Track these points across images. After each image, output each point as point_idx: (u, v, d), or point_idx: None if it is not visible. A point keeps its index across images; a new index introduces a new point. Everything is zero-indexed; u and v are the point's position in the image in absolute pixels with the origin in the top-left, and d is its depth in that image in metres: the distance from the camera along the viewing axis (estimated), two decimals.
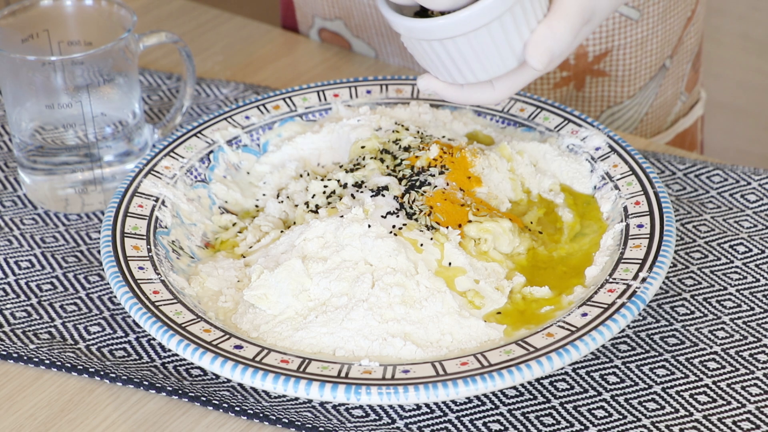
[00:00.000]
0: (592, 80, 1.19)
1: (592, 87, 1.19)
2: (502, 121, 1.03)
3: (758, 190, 1.01)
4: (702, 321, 0.89)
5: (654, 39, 1.18)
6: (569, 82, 1.18)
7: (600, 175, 0.96)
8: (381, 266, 0.84)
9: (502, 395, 0.84)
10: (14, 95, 0.99)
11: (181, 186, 0.96)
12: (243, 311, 0.85)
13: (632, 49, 1.18)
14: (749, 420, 0.82)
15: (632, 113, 1.21)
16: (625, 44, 1.17)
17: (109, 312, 0.92)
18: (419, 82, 0.86)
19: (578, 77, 1.18)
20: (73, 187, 1.01)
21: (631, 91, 1.20)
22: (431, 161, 0.93)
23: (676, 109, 1.27)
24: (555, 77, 1.18)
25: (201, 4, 1.33)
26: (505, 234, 0.90)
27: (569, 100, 1.20)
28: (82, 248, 0.98)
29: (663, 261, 0.85)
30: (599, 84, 1.19)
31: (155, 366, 0.87)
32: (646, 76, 1.20)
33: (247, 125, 1.02)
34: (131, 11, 1.01)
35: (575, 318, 0.81)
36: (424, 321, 0.82)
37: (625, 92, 1.20)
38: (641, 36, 1.17)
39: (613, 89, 1.19)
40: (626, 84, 1.19)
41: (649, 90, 1.21)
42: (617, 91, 1.19)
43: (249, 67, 1.22)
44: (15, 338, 0.90)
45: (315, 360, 0.79)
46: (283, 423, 0.82)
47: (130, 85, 1.01)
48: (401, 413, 0.83)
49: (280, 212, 0.95)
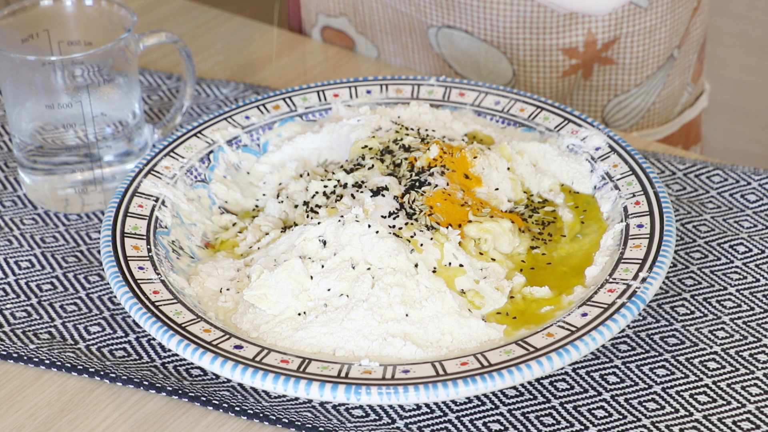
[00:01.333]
0: (600, 68, 1.19)
1: (599, 75, 1.19)
2: (502, 121, 1.03)
3: (758, 190, 1.01)
4: (702, 321, 0.89)
5: (662, 28, 1.19)
6: (578, 69, 1.18)
7: (600, 175, 0.96)
8: (381, 266, 0.84)
9: (502, 395, 0.84)
10: (14, 95, 0.99)
11: (181, 186, 0.96)
12: (243, 311, 0.85)
13: (640, 37, 1.18)
14: (749, 420, 0.82)
15: (639, 102, 1.22)
16: (633, 32, 1.17)
17: (109, 312, 0.92)
18: None
19: (587, 65, 1.18)
20: (73, 187, 1.01)
21: (638, 79, 1.20)
22: (431, 161, 0.93)
23: (683, 100, 1.27)
24: (564, 65, 1.18)
25: (201, 4, 1.33)
26: (505, 234, 0.90)
27: (577, 89, 1.20)
28: (82, 248, 0.98)
29: (663, 261, 0.85)
30: (607, 72, 1.19)
31: (155, 366, 0.87)
32: (654, 65, 1.20)
33: (247, 125, 1.02)
34: (131, 11, 1.01)
35: (575, 318, 0.81)
36: (424, 321, 0.82)
37: (632, 80, 1.20)
38: (650, 24, 1.18)
39: (620, 77, 1.20)
40: (633, 72, 1.20)
41: (657, 79, 1.21)
42: (624, 80, 1.20)
43: (249, 67, 1.22)
44: (15, 338, 0.90)
45: (315, 360, 0.79)
46: (283, 423, 0.82)
47: (130, 85, 1.01)
48: (401, 413, 0.83)
49: (280, 212, 0.95)
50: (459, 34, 1.18)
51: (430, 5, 1.17)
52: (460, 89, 1.05)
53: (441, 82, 1.06)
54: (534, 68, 1.19)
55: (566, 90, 1.20)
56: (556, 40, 1.17)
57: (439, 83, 1.06)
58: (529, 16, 1.15)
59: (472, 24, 1.17)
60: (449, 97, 1.04)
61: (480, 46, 1.19)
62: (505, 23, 1.16)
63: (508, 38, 1.17)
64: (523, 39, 1.17)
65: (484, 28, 1.17)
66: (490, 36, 1.17)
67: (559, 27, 1.16)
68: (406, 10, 1.20)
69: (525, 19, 1.15)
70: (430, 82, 1.06)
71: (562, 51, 1.17)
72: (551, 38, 1.17)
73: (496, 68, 1.20)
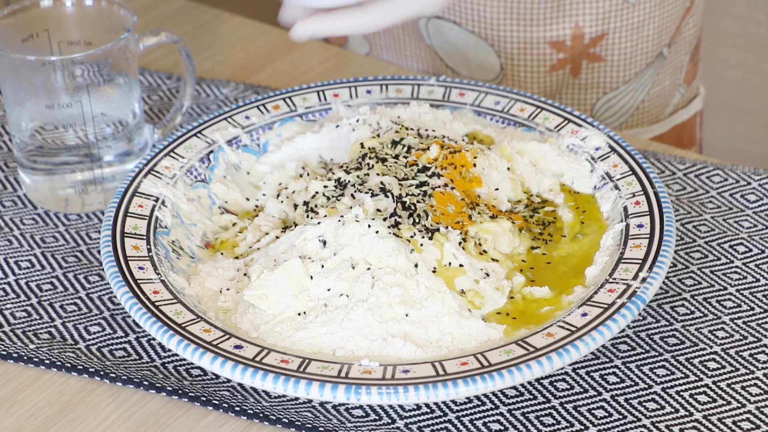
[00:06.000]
0: (589, 66, 1.19)
1: (588, 73, 1.20)
2: (502, 121, 1.03)
3: (758, 190, 1.01)
4: (702, 321, 0.89)
5: (650, 25, 1.19)
6: (565, 64, 1.19)
7: (600, 175, 0.96)
8: (381, 266, 0.84)
9: (502, 395, 0.84)
10: (14, 95, 0.99)
11: (181, 186, 0.96)
12: (243, 311, 0.85)
13: (628, 33, 1.18)
14: (749, 420, 0.82)
15: (628, 99, 1.22)
16: (621, 27, 1.18)
17: (109, 312, 0.92)
18: (293, 34, 0.86)
19: (575, 60, 1.19)
20: (73, 187, 1.01)
21: (627, 76, 1.20)
22: (431, 161, 0.93)
23: (675, 101, 1.27)
24: (552, 59, 1.18)
25: (201, 4, 1.33)
26: (505, 234, 0.90)
27: (566, 87, 1.20)
28: (82, 248, 0.98)
29: (663, 261, 0.85)
30: (595, 70, 1.20)
31: (155, 366, 0.87)
32: (643, 62, 1.21)
33: (247, 125, 1.02)
34: (131, 11, 1.01)
35: (575, 318, 0.81)
36: (424, 321, 0.82)
37: (621, 77, 1.20)
38: (637, 20, 1.18)
39: (609, 74, 1.20)
40: (622, 69, 1.20)
41: (646, 77, 1.21)
42: (613, 77, 1.20)
43: (249, 67, 1.22)
44: (15, 338, 0.90)
45: (315, 360, 0.79)
46: (283, 423, 0.82)
47: (130, 85, 1.01)
48: (401, 413, 0.83)
49: (280, 212, 0.95)
50: (448, 25, 1.18)
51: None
52: (460, 89, 1.05)
53: (441, 82, 1.06)
54: (521, 62, 1.19)
55: (555, 87, 1.21)
56: (543, 33, 1.17)
57: (439, 83, 1.06)
58: (516, 8, 1.16)
59: (460, 15, 1.17)
60: (449, 97, 1.05)
61: (468, 37, 1.19)
62: (492, 14, 1.16)
63: (496, 30, 1.17)
64: (510, 31, 1.17)
65: (471, 19, 1.17)
66: (478, 27, 1.17)
67: (547, 19, 1.16)
68: None
69: (512, 11, 1.16)
70: (430, 83, 1.06)
71: (549, 44, 1.17)
72: (538, 31, 1.17)
73: (484, 61, 1.20)
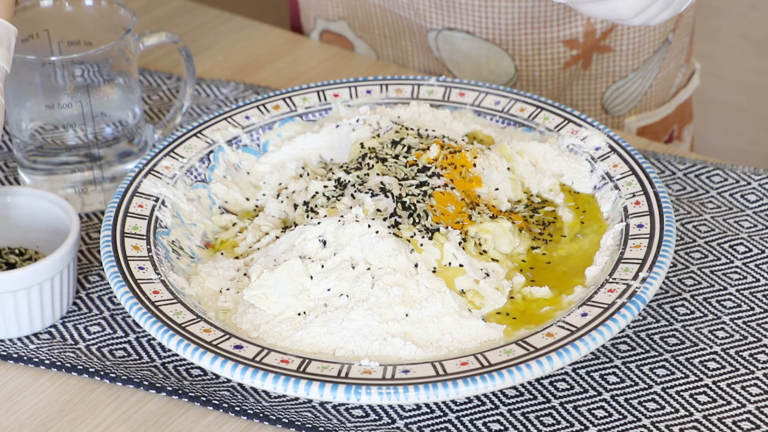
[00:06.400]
0: (599, 57, 1.20)
1: (598, 64, 1.20)
2: (502, 121, 1.03)
3: (758, 190, 1.01)
4: (702, 321, 0.89)
5: None
6: (578, 60, 1.19)
7: (600, 175, 0.96)
8: (381, 266, 0.84)
9: (502, 395, 0.84)
10: (14, 95, 0.99)
11: (181, 186, 0.96)
12: (243, 311, 0.85)
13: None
14: (749, 420, 0.82)
15: (637, 86, 1.23)
16: None
17: (109, 312, 0.92)
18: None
19: (586, 55, 1.19)
20: (73, 187, 1.01)
21: (635, 64, 1.21)
22: (431, 161, 0.93)
23: (678, 81, 1.28)
24: (565, 56, 1.19)
25: (201, 4, 1.33)
26: (505, 234, 0.90)
27: (577, 79, 1.21)
28: (82, 248, 0.98)
29: (663, 261, 0.85)
30: (605, 60, 1.20)
31: (155, 366, 0.87)
32: (650, 50, 1.21)
33: (247, 125, 1.02)
34: (131, 11, 1.01)
35: (575, 318, 0.81)
36: (424, 321, 0.82)
37: (629, 66, 1.21)
38: None
39: (618, 64, 1.20)
40: (631, 58, 1.21)
41: (653, 63, 1.22)
42: (622, 66, 1.21)
43: (249, 67, 1.22)
44: (15, 338, 0.90)
45: (315, 360, 0.79)
46: (283, 423, 0.82)
47: (130, 85, 1.01)
48: (401, 413, 0.83)
49: (280, 212, 0.95)
50: (460, 35, 1.19)
51: (430, 9, 1.18)
52: (460, 89, 1.05)
53: (441, 82, 1.06)
54: (536, 62, 1.19)
55: (567, 81, 1.21)
56: (557, 33, 1.17)
57: (439, 83, 1.06)
58: (530, 11, 1.16)
59: (474, 24, 1.17)
60: (449, 97, 1.04)
61: (481, 45, 1.19)
62: (506, 20, 1.16)
63: (510, 35, 1.17)
64: (525, 34, 1.17)
65: (486, 27, 1.17)
66: (492, 34, 1.18)
67: (560, 19, 1.17)
68: (405, 15, 1.20)
69: (527, 15, 1.16)
70: (430, 82, 1.06)
71: (563, 43, 1.18)
72: (552, 31, 1.17)
73: (497, 67, 1.20)
